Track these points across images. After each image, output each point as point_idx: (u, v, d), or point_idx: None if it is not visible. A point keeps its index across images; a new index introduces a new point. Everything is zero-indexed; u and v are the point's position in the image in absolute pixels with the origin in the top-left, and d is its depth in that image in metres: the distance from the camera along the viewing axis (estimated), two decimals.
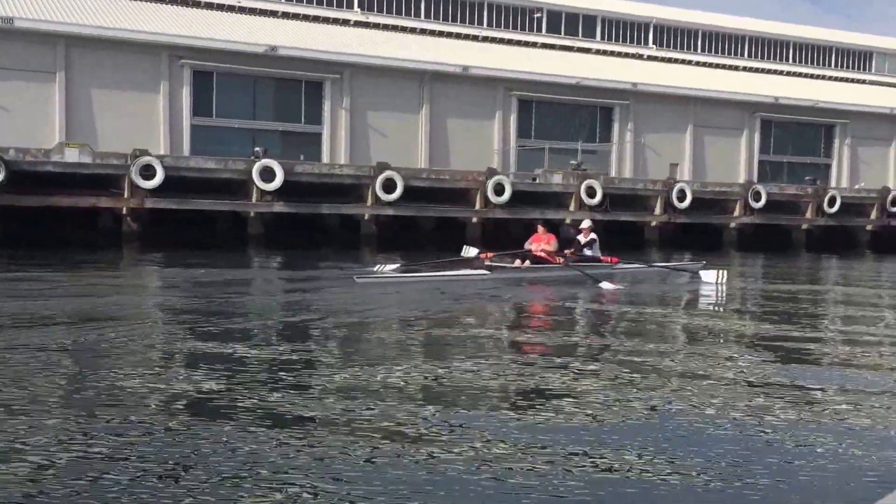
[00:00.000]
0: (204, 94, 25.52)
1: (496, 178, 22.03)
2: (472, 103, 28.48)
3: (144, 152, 18.67)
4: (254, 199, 19.86)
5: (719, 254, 22.96)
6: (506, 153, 28.91)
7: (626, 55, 35.31)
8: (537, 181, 23.06)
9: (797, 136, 34.46)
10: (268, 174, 19.59)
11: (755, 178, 32.09)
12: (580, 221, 23.47)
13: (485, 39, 33.22)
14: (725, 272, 13.36)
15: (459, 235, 22.76)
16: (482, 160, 27.41)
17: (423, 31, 32.65)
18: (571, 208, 23.34)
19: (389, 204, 20.93)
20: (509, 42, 33.53)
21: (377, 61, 27.07)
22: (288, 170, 19.93)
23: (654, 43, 35.96)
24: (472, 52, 30.19)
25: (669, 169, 31.40)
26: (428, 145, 27.87)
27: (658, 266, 15.04)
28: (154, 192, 18.67)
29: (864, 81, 39.66)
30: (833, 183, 33.64)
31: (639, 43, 35.78)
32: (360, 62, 26.87)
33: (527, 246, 13.52)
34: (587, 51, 34.85)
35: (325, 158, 26.29)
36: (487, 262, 12.97)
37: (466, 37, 33.20)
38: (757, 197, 25.65)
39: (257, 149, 20.35)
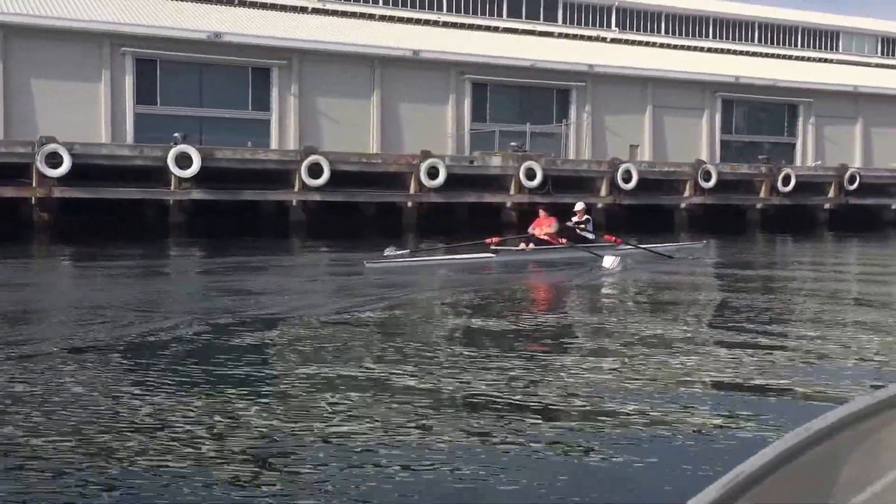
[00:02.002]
0: (147, 82, 23.52)
1: (430, 161, 19.89)
2: (424, 88, 26.24)
3: (51, 139, 16.74)
4: (172, 187, 17.86)
5: (669, 236, 20.74)
6: (460, 137, 26.68)
7: (589, 38, 32.79)
8: (475, 164, 20.85)
9: (760, 115, 31.88)
10: (184, 161, 17.59)
11: (717, 159, 29.67)
12: (521, 205, 21.36)
13: (445, 25, 30.85)
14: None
15: (397, 221, 20.73)
16: (436, 145, 25.23)
17: (381, 18, 30.35)
18: (511, 191, 21.15)
19: (317, 189, 18.84)
20: (469, 27, 31.14)
21: (326, 47, 24.92)
22: (207, 155, 17.93)
23: (616, 26, 33.41)
24: (423, 36, 27.90)
25: (629, 150, 29.05)
26: (380, 131, 25.72)
27: (660, 247, 13.96)
28: (64, 181, 16.73)
29: (831, 61, 36.80)
30: (798, 162, 31.08)
31: (601, 26, 33.25)
32: (308, 48, 24.73)
33: (530, 230, 13.31)
34: (549, 34, 32.39)
35: (274, 146, 24.24)
36: (493, 247, 12.48)
37: (426, 22, 30.85)
38: (707, 176, 23.30)
39: (176, 134, 18.35)
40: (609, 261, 11.30)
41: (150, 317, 7.38)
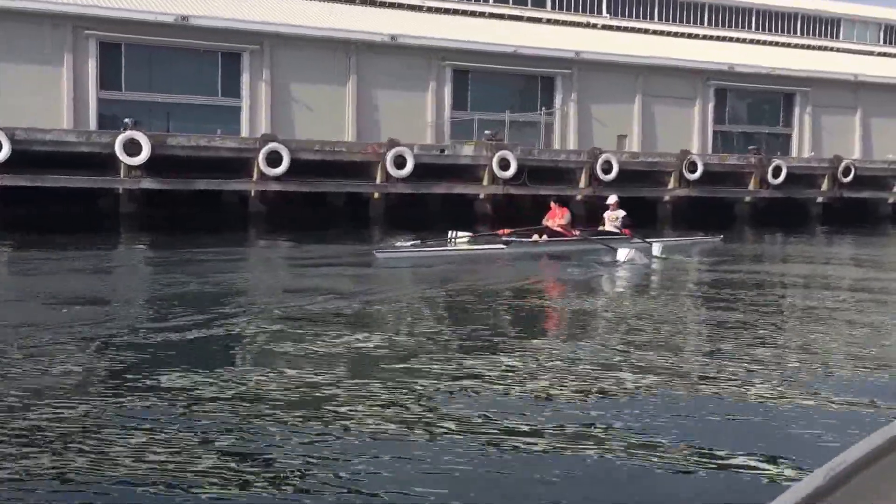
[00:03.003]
0: (111, 66, 22.49)
1: (396, 150, 18.77)
2: (402, 74, 25.06)
3: None
4: (122, 175, 16.85)
5: (651, 230, 19.55)
6: (439, 126, 25.51)
7: (579, 24, 31.43)
8: (445, 153, 19.71)
9: (754, 105, 30.52)
10: (133, 147, 16.56)
11: (709, 150, 28.37)
12: (492, 197, 20.22)
13: (429, 10, 29.58)
14: (655, 246, 12.63)
15: (364, 213, 19.67)
16: (414, 133, 24.14)
17: (359, 1, 29.04)
18: (484, 182, 20.02)
19: (276, 179, 17.78)
20: (454, 12, 29.87)
21: (299, 31, 23.79)
22: (158, 142, 16.89)
23: (607, 12, 32.02)
24: (402, 20, 26.66)
25: (617, 141, 27.81)
26: (356, 118, 24.59)
27: (671, 241, 13.93)
28: (3, 169, 15.74)
29: (831, 49, 35.25)
30: (794, 153, 29.71)
31: (591, 12, 31.86)
32: (280, 32, 23.61)
33: (544, 222, 13.07)
34: (537, 20, 31.04)
35: (245, 133, 23.17)
36: (505, 238, 12.33)
37: (407, 6, 29.55)
38: (692, 168, 22.05)
39: (127, 120, 17.31)
40: (624, 253, 10.98)
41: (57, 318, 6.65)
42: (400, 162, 18.78)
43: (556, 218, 12.95)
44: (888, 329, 7.10)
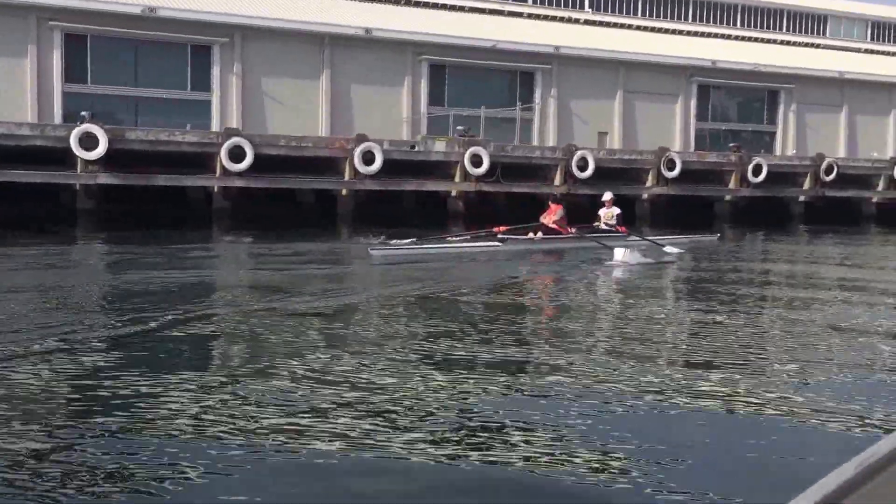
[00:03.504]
0: (77, 58, 21.95)
1: (364, 145, 18.31)
2: (377, 68, 24.60)
3: None
4: (78, 170, 16.35)
5: (630, 229, 19.13)
6: (416, 122, 25.06)
7: (561, 19, 31.01)
8: (416, 149, 19.28)
9: (738, 102, 30.17)
10: (90, 141, 16.07)
11: (691, 147, 28.01)
12: (464, 194, 19.80)
13: (407, 3, 29.10)
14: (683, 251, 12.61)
15: (331, 211, 19.23)
16: (390, 129, 23.70)
17: None
18: (456, 179, 19.59)
19: (239, 175, 17.32)
20: (433, 6, 29.40)
21: (271, 23, 23.29)
22: (116, 136, 16.40)
23: (589, 7, 31.59)
24: (377, 13, 26.19)
25: (598, 138, 27.42)
26: (329, 113, 24.12)
27: (667, 239, 13.59)
28: None
29: (818, 46, 34.92)
30: (778, 151, 29.39)
31: (573, 7, 31.43)
32: (252, 24, 23.10)
33: (541, 219, 12.97)
34: (518, 15, 30.62)
35: (216, 128, 22.65)
36: (501, 235, 12.23)
37: (397, 1, 28.99)
38: (671, 166, 21.66)
39: (83, 113, 16.81)
40: (620, 253, 10.97)
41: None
42: (368, 158, 18.33)
43: (552, 215, 12.83)
44: (882, 330, 7.02)
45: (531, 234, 12.50)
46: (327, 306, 7.64)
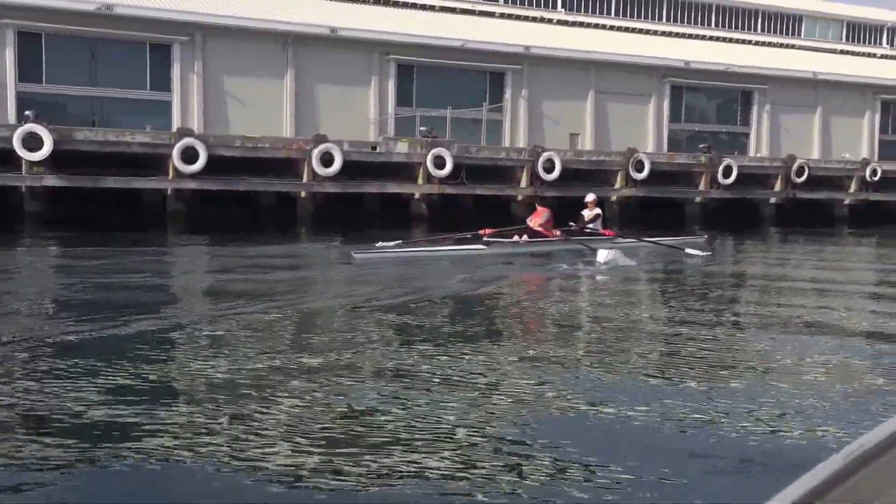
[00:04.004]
0: (31, 57, 21.34)
1: (323, 146, 17.88)
2: (343, 68, 24.17)
3: None
4: (23, 172, 15.81)
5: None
6: (383, 122, 24.67)
7: (533, 19, 30.72)
8: (377, 150, 18.88)
9: (711, 103, 30.01)
10: (34, 142, 15.52)
11: (664, 149, 27.80)
12: (427, 197, 19.43)
13: (376, 2, 28.68)
14: (706, 254, 12.76)
15: (290, 214, 18.79)
16: (357, 130, 23.28)
17: None
18: (419, 181, 19.20)
19: (192, 176, 16.84)
20: (402, 5, 29.01)
21: (232, 21, 22.80)
22: (63, 137, 15.87)
23: (562, 7, 31.31)
24: (342, 12, 25.78)
25: (569, 139, 27.16)
26: (294, 114, 23.67)
27: (657, 241, 13.80)
28: None
29: (793, 47, 34.88)
30: (752, 153, 29.25)
31: (545, 7, 31.15)
32: (213, 23, 22.60)
33: (528, 222, 12.96)
34: (490, 14, 30.30)
35: (176, 129, 22.14)
36: (486, 238, 12.19)
37: (377, 1, 28.52)
38: (639, 167, 21.38)
39: (27, 112, 16.28)
40: (603, 254, 10.99)
41: None
42: (327, 159, 17.90)
43: (538, 218, 12.79)
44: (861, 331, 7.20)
45: (516, 237, 12.43)
46: (279, 313, 7.31)
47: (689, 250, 12.74)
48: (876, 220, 24.27)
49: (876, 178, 24.74)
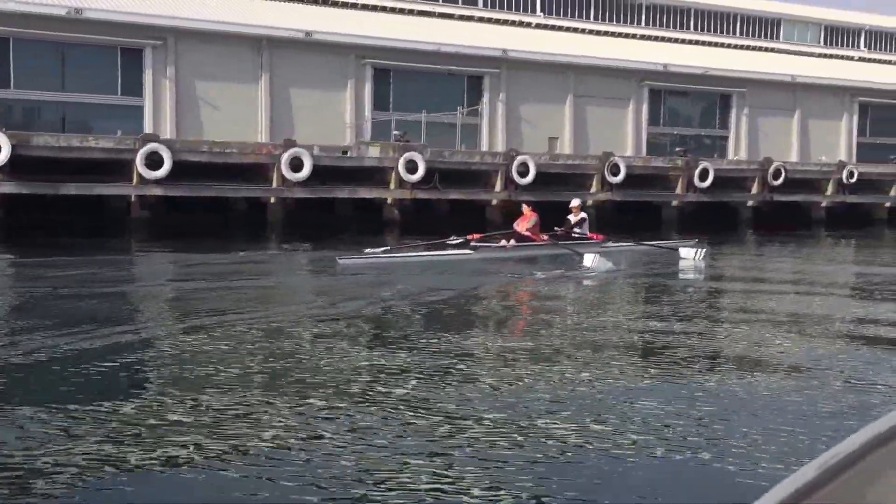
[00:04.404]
0: (0, 63, 20.81)
1: (292, 151, 17.43)
2: (319, 72, 23.73)
3: None
4: None
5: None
6: (359, 127, 24.23)
7: (513, 23, 30.40)
8: (349, 154, 18.45)
9: (689, 106, 29.74)
10: None
11: (643, 153, 27.49)
12: (399, 202, 19.02)
13: (354, 7, 28.26)
14: (703, 250, 12.71)
15: (262, 219, 18.35)
16: (333, 134, 22.87)
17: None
18: (392, 186, 18.78)
19: (157, 182, 16.34)
20: (381, 9, 28.62)
21: (205, 25, 22.33)
22: (21, 142, 15.35)
23: (541, 11, 31.00)
24: (316, 16, 25.36)
25: (548, 143, 26.81)
26: (269, 119, 23.21)
27: (646, 245, 14.03)
28: None
29: (771, 50, 34.71)
30: (731, 156, 28.99)
31: (524, 10, 30.84)
32: (185, 27, 22.12)
33: (515, 227, 12.86)
34: (469, 18, 29.94)
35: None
36: (474, 243, 12.14)
37: (334, 3, 28.18)
38: (615, 171, 21.04)
39: None
40: (590, 259, 11.01)
41: None
42: (296, 164, 17.45)
43: (525, 222, 12.70)
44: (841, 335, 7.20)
45: (504, 242, 12.36)
46: (240, 327, 6.93)
47: (681, 251, 12.69)
48: (853, 222, 24.05)
49: (852, 181, 24.51)
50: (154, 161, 16.20)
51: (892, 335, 7.45)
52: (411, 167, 18.51)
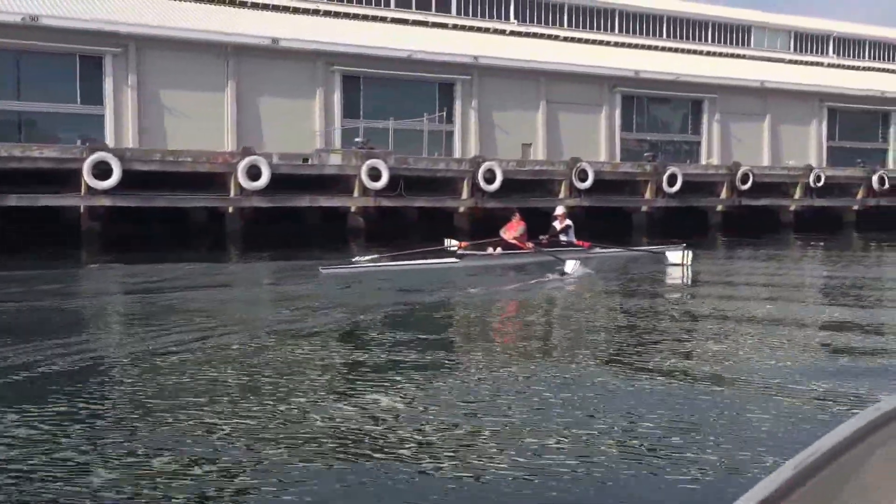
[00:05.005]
0: None
1: (249, 159, 16.65)
2: (287, 80, 22.99)
3: None
4: None
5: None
6: (329, 134, 23.49)
7: (486, 30, 29.83)
8: (310, 162, 17.70)
9: (662, 112, 29.25)
10: None
11: (618, 158, 26.94)
12: (363, 210, 18.27)
13: (326, 14, 27.57)
14: (690, 253, 12.72)
15: (218, 229, 17.52)
16: (302, 142, 22.10)
17: (238, 3, 26.81)
18: (355, 193, 18.03)
19: (106, 192, 15.50)
20: (353, 17, 27.95)
21: (168, 32, 21.55)
22: None
23: (515, 18, 30.46)
24: (284, 23, 24.65)
25: (521, 149, 26.20)
26: (235, 127, 22.42)
27: (635, 250, 14.08)
28: None
29: (742, 57, 34.38)
30: (703, 161, 28.52)
31: (498, 18, 30.27)
32: (147, 34, 21.31)
33: (501, 234, 12.72)
34: (442, 26, 29.34)
35: (110, 144, 20.74)
36: (460, 251, 12.07)
37: (304, 10, 27.48)
38: (583, 176, 20.42)
39: None
40: (571, 266, 11.03)
41: None
42: (254, 173, 16.67)
43: (512, 230, 12.59)
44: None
45: (490, 250, 12.22)
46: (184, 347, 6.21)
47: (669, 255, 12.70)
48: (822, 226, 23.63)
49: (820, 184, 24.08)
50: (102, 171, 15.34)
51: (858, 341, 6.97)
52: (374, 174, 17.78)
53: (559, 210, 13.80)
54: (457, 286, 10.37)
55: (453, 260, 11.74)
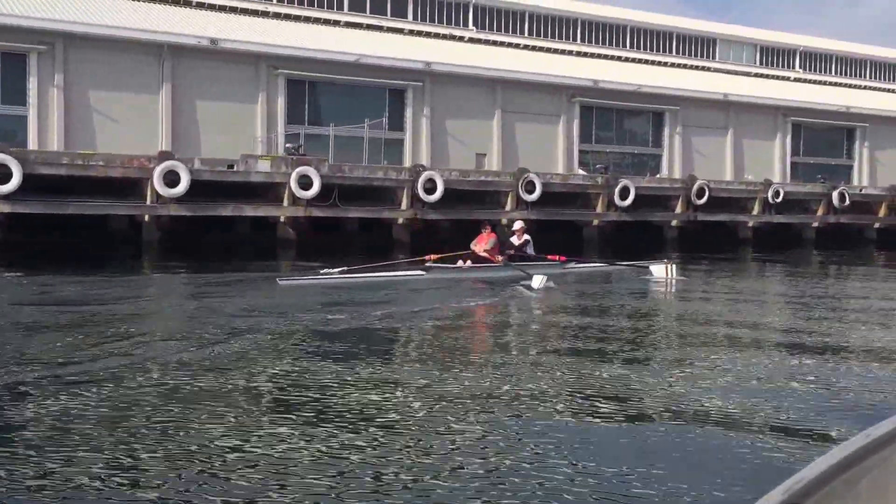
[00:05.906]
0: None
1: (166, 164, 15.47)
2: (227, 83, 21.86)
3: None
4: None
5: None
6: (271, 140, 22.34)
7: (444, 37, 28.92)
8: (235, 169, 16.55)
9: (622, 123, 28.47)
10: None
11: (576, 170, 26.07)
12: (293, 220, 17.18)
13: (276, 16, 26.50)
14: (674, 266, 12.51)
15: (135, 238, 16.29)
16: (243, 149, 20.85)
17: (210, 7, 25.72)
18: (285, 203, 16.90)
19: (6, 198, 14.24)
20: (304, 20, 26.91)
21: (97, 30, 20.35)
22: None
23: (474, 24, 29.61)
24: (225, 23, 23.53)
25: (476, 159, 25.24)
26: (171, 132, 21.20)
27: (617, 264, 13.49)
28: None
29: (707, 69, 33.79)
30: (665, 174, 27.76)
31: (457, 24, 29.39)
32: (75, 31, 20.10)
33: (472, 247, 12.46)
34: (398, 31, 28.38)
35: (34, 147, 19.48)
36: (428, 264, 11.73)
37: (254, 12, 26.39)
38: (530, 188, 19.46)
39: None
40: (538, 280, 10.86)
41: None
42: (172, 179, 15.49)
43: (483, 243, 12.39)
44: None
45: (460, 262, 11.97)
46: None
47: (652, 269, 12.46)
48: (780, 243, 22.85)
49: (779, 200, 23.35)
50: (2, 175, 14.10)
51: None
52: (305, 183, 16.67)
53: (517, 225, 13.40)
54: (413, 300, 9.51)
55: (420, 272, 11.37)
